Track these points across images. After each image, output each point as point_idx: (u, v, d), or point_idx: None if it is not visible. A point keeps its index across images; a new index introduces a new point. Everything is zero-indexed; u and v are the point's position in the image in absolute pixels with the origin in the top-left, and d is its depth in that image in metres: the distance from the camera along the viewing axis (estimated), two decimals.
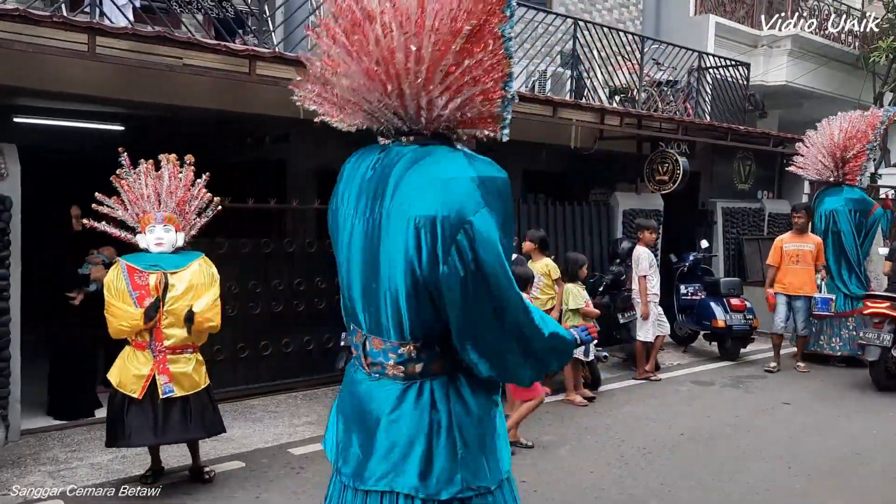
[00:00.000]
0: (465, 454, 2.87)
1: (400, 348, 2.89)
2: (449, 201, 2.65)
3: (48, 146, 9.31)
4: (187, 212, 5.01)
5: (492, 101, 2.92)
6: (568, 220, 9.65)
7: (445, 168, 2.76)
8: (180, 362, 4.82)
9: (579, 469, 5.45)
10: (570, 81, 10.02)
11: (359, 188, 3.01)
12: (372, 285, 2.89)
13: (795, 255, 8.85)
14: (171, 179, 4.95)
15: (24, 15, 4.98)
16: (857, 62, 15.04)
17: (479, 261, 2.62)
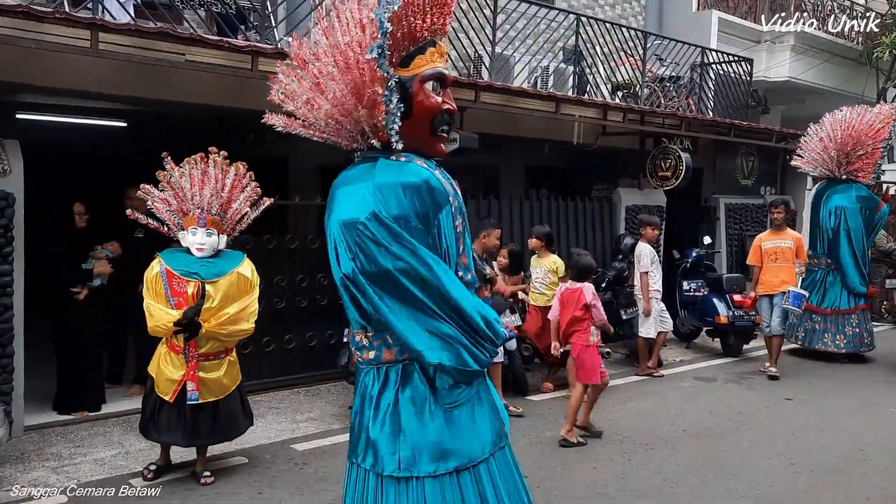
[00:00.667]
0: (403, 438, 3.23)
1: (356, 336, 3.37)
2: (350, 208, 3.16)
3: (51, 143, 9.32)
4: (233, 214, 4.94)
5: (376, 118, 3.25)
6: (570, 216, 9.65)
7: (356, 180, 3.28)
8: (212, 369, 4.83)
9: (581, 465, 5.45)
10: (573, 77, 10.02)
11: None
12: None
13: (774, 253, 8.63)
14: (218, 180, 4.86)
15: (26, 11, 4.98)
16: (860, 58, 15.00)
17: (371, 257, 3.08)
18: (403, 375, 3.28)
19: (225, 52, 6.06)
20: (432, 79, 3.39)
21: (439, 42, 3.44)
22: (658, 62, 11.25)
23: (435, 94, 3.41)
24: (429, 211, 3.20)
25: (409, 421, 3.25)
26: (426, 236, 3.19)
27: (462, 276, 3.35)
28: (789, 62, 13.99)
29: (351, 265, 3.14)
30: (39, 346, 6.38)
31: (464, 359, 3.20)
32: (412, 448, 3.22)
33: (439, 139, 3.51)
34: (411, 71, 3.37)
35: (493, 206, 8.84)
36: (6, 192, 5.48)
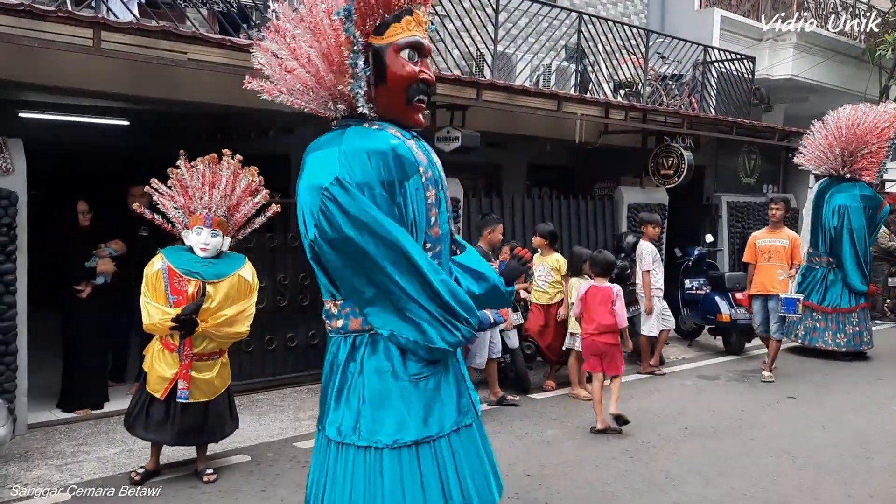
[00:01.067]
0: (364, 408, 3.23)
1: (326, 304, 3.43)
2: (316, 173, 3.19)
3: (54, 140, 9.34)
4: (239, 217, 4.92)
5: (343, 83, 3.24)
6: (572, 214, 9.65)
7: (323, 146, 3.30)
8: (205, 369, 4.82)
9: (584, 463, 5.46)
10: (575, 75, 10.01)
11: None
12: None
13: (768, 252, 8.33)
14: (229, 182, 4.85)
15: (29, 9, 4.98)
16: (863, 56, 14.98)
17: (334, 223, 3.10)
18: (371, 345, 3.30)
19: (227, 50, 6.07)
20: (408, 47, 3.37)
21: (417, 11, 3.41)
22: (660, 60, 11.24)
23: (411, 62, 3.39)
24: (395, 179, 3.21)
25: (372, 391, 3.27)
26: (391, 205, 3.20)
27: (430, 247, 3.35)
28: (792, 60, 13.98)
29: (315, 231, 3.15)
30: (43, 344, 6.39)
31: (429, 336, 3.20)
32: (373, 418, 3.24)
33: (416, 109, 3.47)
34: (386, 39, 3.36)
35: (496, 204, 8.84)
36: (9, 191, 5.48)
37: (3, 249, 5.45)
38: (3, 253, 5.45)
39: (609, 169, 11.50)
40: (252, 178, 4.98)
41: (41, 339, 6.27)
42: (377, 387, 3.26)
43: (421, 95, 3.45)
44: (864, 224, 9.37)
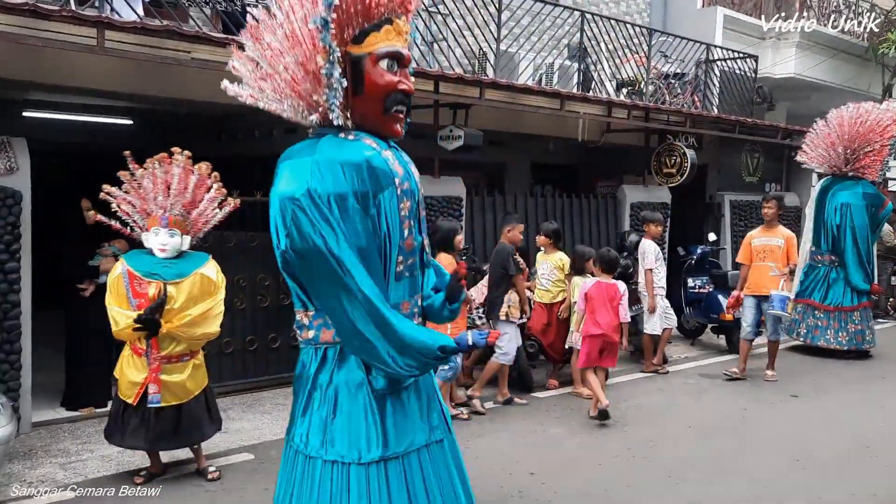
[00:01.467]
0: (332, 421, 3.23)
1: (297, 314, 3.37)
2: (288, 183, 3.12)
3: (58, 140, 9.36)
4: (197, 214, 4.87)
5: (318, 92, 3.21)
6: (575, 213, 9.65)
7: (295, 155, 3.26)
8: (175, 371, 4.75)
9: (587, 461, 5.47)
10: (578, 74, 10.01)
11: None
12: None
13: (763, 252, 8.05)
14: (181, 180, 4.76)
15: (33, 9, 5.00)
16: (866, 54, 14.95)
17: (303, 234, 3.04)
18: (340, 357, 3.26)
19: (230, 49, 6.07)
20: (387, 57, 3.31)
21: (397, 20, 3.36)
22: (663, 59, 11.23)
23: (390, 72, 3.33)
24: (368, 191, 3.15)
25: (341, 405, 3.23)
26: (365, 217, 3.15)
27: (403, 260, 3.31)
28: (795, 58, 13.96)
29: (286, 241, 3.10)
30: (47, 343, 6.42)
31: (385, 360, 3.14)
32: (341, 432, 3.20)
33: (394, 119, 3.40)
34: (364, 48, 3.30)
35: (498, 202, 8.84)
36: (13, 190, 5.50)
37: (8, 248, 5.48)
38: (7, 252, 5.47)
39: (612, 168, 11.51)
40: (202, 173, 4.86)
41: (45, 337, 6.29)
42: (346, 400, 3.23)
43: (399, 105, 3.39)
44: (866, 222, 9.37)
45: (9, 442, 4.24)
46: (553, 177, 12.27)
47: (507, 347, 6.71)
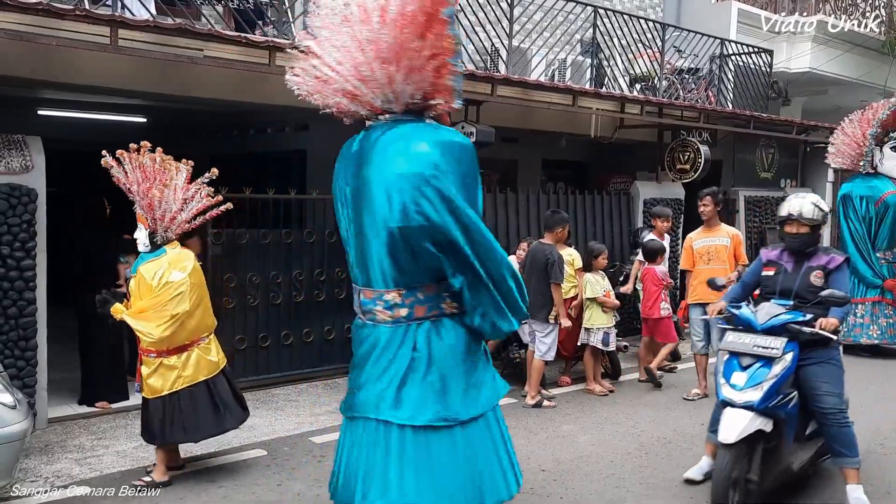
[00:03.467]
0: (440, 389, 3.47)
1: (387, 295, 3.50)
2: (414, 164, 3.32)
3: (73, 138, 9.43)
4: (161, 211, 4.74)
5: (443, 76, 3.46)
6: (588, 210, 9.62)
7: (411, 137, 3.42)
8: (145, 365, 4.81)
9: (599, 458, 5.45)
10: (590, 70, 9.97)
11: (347, 162, 3.60)
12: (361, 242, 3.51)
13: (706, 254, 7.13)
14: (144, 178, 4.71)
15: (47, 8, 5.04)
16: (882, 48, 14.80)
17: (439, 211, 3.29)
18: (438, 329, 3.50)
19: (243, 47, 6.10)
20: None
21: None
22: (676, 54, 11.17)
23: None
24: (474, 172, 3.51)
25: (440, 375, 3.47)
26: (473, 192, 3.47)
27: None
28: (810, 53, 13.83)
29: (404, 218, 3.31)
30: (63, 340, 6.47)
31: (520, 307, 3.53)
32: (447, 399, 3.47)
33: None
34: None
35: (510, 199, 8.83)
36: (28, 188, 5.55)
37: (23, 246, 5.53)
38: (22, 249, 5.52)
39: (624, 164, 11.46)
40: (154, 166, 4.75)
41: (61, 334, 6.34)
42: (449, 370, 3.50)
43: None
44: (857, 215, 9.32)
45: (25, 437, 4.27)
46: (565, 173, 12.24)
47: (550, 345, 6.73)
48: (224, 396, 4.95)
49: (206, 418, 4.84)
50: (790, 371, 4.40)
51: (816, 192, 13.09)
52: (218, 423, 4.91)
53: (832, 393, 4.52)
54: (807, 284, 4.62)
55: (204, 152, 10.96)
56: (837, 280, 4.61)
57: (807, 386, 4.52)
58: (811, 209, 4.63)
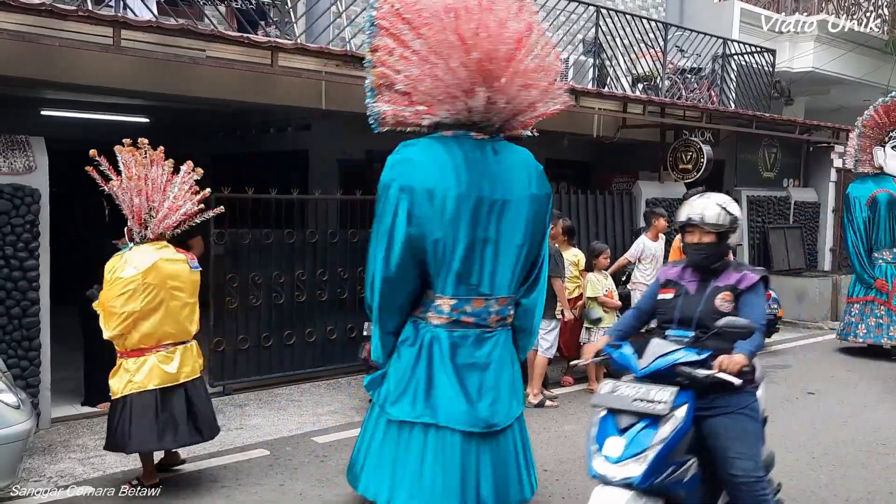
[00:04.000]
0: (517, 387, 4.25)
1: (504, 303, 4.12)
2: (545, 184, 4.36)
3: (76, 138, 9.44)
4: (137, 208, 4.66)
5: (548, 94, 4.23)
6: (590, 209, 9.62)
7: (533, 159, 4.32)
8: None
9: None
10: (593, 70, 9.96)
11: (488, 174, 4.00)
12: (495, 252, 4.02)
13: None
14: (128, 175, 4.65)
15: (50, 9, 5.06)
16: (885, 48, 14.77)
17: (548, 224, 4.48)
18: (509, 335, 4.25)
19: (245, 47, 6.11)
20: None
21: None
22: (679, 53, 11.16)
23: None
24: None
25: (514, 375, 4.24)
26: None
27: None
28: (813, 52, 13.81)
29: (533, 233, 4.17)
30: (65, 340, 6.48)
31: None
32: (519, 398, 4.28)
33: None
34: None
35: None
36: (32, 188, 5.56)
37: (27, 246, 5.54)
38: (26, 249, 5.53)
39: (627, 164, 11.45)
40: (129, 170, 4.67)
41: (64, 334, 6.35)
42: (518, 369, 4.34)
43: None
44: (859, 215, 9.29)
45: (28, 437, 4.28)
46: (567, 173, 12.23)
47: (552, 342, 6.82)
48: (175, 412, 4.59)
49: (142, 430, 4.51)
50: (683, 431, 3.24)
51: (819, 192, 13.10)
52: (155, 437, 4.56)
53: (744, 455, 3.39)
54: (711, 310, 3.49)
55: (206, 152, 10.98)
56: (749, 304, 3.49)
57: (712, 446, 3.42)
58: (716, 212, 3.55)
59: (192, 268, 4.78)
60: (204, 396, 4.83)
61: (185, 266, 4.72)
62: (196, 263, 4.86)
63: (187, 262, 4.75)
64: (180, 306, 4.66)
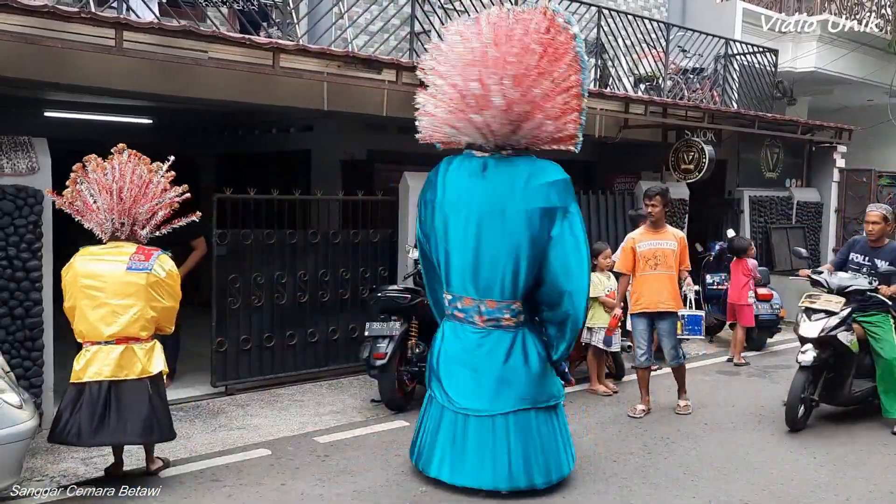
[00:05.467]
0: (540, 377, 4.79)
1: (512, 305, 4.68)
2: (560, 195, 4.65)
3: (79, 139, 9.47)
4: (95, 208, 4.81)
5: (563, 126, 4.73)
6: (592, 209, 9.63)
7: (550, 173, 4.69)
8: None
9: (602, 458, 5.46)
10: (595, 70, 9.97)
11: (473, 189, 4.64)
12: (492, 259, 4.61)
13: (653, 257, 6.54)
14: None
15: (53, 11, 5.08)
16: (888, 48, 14.74)
17: (575, 234, 4.66)
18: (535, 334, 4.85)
19: (247, 48, 6.13)
20: None
21: None
22: (681, 54, 11.16)
23: None
24: None
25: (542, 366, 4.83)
26: None
27: None
28: (815, 52, 13.80)
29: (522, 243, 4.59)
30: (68, 340, 6.49)
31: None
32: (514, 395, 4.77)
33: None
34: None
35: None
36: (35, 189, 5.58)
37: (30, 247, 5.56)
38: (29, 251, 5.55)
39: (629, 164, 11.46)
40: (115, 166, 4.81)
41: (66, 334, 6.36)
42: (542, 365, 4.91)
43: None
44: None
45: (31, 437, 4.30)
46: (570, 173, 12.18)
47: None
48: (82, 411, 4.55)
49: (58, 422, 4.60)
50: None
51: (822, 192, 13.10)
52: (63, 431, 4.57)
53: None
54: None
55: (209, 153, 11.02)
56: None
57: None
58: None
59: (129, 269, 4.66)
60: (135, 399, 4.64)
61: (115, 266, 4.66)
62: (142, 265, 4.68)
63: (125, 264, 4.66)
64: (94, 306, 4.63)
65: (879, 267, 6.29)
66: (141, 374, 4.66)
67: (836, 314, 6.02)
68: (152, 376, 4.71)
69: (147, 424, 4.63)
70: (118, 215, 4.78)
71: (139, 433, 4.65)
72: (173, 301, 4.88)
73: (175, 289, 4.87)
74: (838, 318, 6.01)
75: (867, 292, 6.14)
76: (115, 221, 4.79)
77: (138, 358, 4.66)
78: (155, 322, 4.78)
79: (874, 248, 6.41)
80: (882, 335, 6.23)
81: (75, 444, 4.69)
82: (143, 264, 4.69)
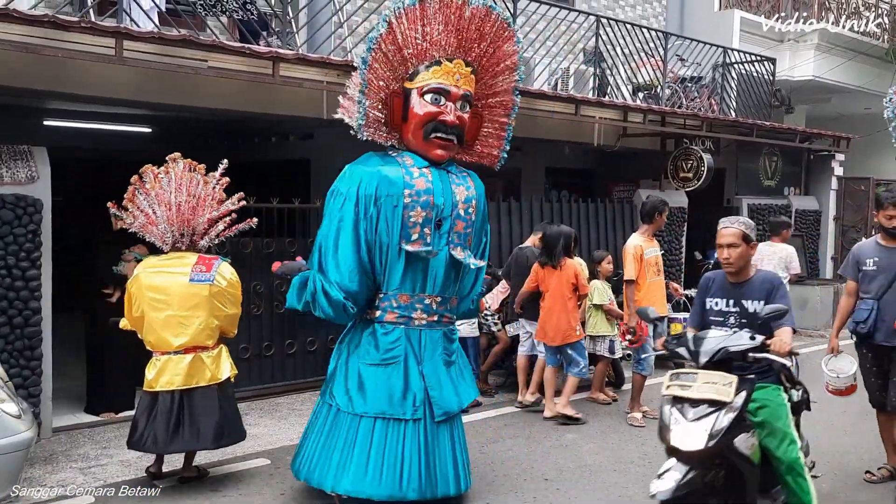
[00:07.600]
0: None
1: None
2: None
3: (79, 148, 9.47)
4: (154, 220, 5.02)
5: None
6: (591, 218, 9.63)
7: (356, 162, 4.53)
8: None
9: (602, 467, 5.45)
10: (593, 79, 9.99)
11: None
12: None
13: (655, 264, 6.60)
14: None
15: (53, 20, 5.09)
16: (886, 56, 14.79)
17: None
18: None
19: (246, 57, 6.14)
20: (431, 92, 4.29)
21: (446, 62, 4.31)
22: (679, 62, 11.19)
23: (433, 104, 4.30)
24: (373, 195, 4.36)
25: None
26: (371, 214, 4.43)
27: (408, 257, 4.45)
28: (813, 61, 13.83)
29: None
30: (67, 349, 6.49)
31: None
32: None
33: (432, 144, 4.37)
34: (414, 84, 4.33)
35: (514, 207, 8.84)
36: (34, 198, 5.58)
37: (29, 256, 5.55)
38: (28, 259, 5.55)
39: (628, 172, 11.47)
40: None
41: (66, 344, 6.36)
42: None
43: (438, 133, 4.32)
44: None
45: (29, 447, 4.28)
46: (569, 182, 12.25)
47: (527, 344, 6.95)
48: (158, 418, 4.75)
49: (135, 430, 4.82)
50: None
51: (820, 200, 13.10)
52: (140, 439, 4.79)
53: None
54: None
55: (208, 161, 11.01)
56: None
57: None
58: None
59: (192, 280, 4.79)
60: (206, 405, 4.82)
61: (178, 279, 4.77)
62: (204, 276, 4.83)
63: (188, 276, 4.78)
64: (161, 318, 4.76)
65: (750, 309, 4.06)
66: (210, 381, 4.84)
67: (726, 405, 3.51)
68: (220, 382, 4.90)
69: (219, 430, 4.83)
70: (178, 227, 4.90)
71: (212, 439, 4.83)
72: (236, 308, 5.03)
73: (237, 296, 5.00)
74: (733, 413, 3.51)
75: (748, 353, 3.75)
76: (175, 233, 4.91)
77: (206, 365, 4.84)
78: (219, 329, 4.94)
79: (736, 284, 4.17)
80: (774, 422, 3.96)
81: (153, 452, 4.89)
82: (205, 275, 4.82)
